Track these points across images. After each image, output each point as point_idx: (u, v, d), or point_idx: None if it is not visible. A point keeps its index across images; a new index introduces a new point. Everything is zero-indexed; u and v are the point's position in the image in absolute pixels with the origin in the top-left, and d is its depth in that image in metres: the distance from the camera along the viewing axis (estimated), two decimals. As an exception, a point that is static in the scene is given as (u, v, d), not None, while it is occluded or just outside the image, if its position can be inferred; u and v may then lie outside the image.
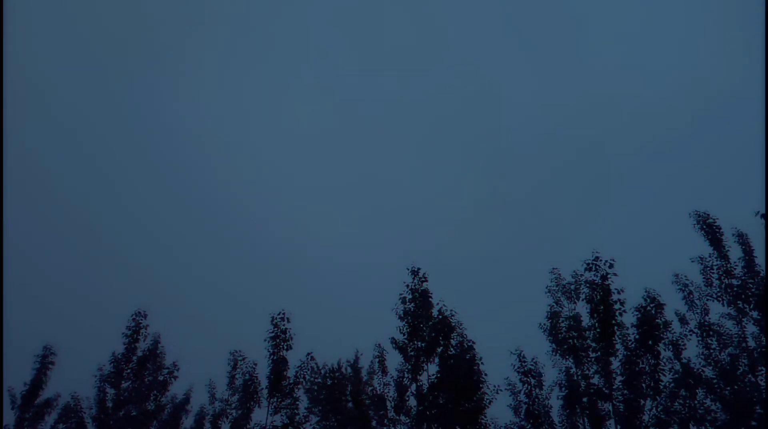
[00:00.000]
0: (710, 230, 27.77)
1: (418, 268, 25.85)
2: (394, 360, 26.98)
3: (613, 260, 24.57)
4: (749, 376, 24.95)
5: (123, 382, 31.02)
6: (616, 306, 23.78)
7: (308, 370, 27.16)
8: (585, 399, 23.48)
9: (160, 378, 32.44)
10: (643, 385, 22.73)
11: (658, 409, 23.16)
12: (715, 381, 25.17)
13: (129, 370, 31.41)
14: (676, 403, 24.14)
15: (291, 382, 26.41)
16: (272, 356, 26.79)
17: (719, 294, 26.85)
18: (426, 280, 25.63)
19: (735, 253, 27.59)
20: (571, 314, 26.52)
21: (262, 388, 26.97)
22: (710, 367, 25.73)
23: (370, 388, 28.80)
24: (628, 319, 30.70)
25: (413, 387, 24.18)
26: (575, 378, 24.68)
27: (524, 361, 26.32)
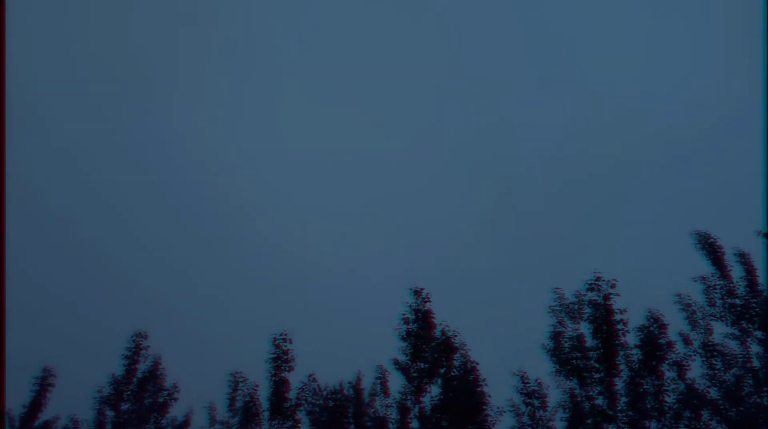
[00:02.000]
0: (711, 250, 27.74)
1: (421, 288, 25.78)
2: (396, 381, 26.85)
3: (615, 280, 24.53)
4: (754, 396, 24.74)
5: (122, 404, 30.76)
6: (619, 326, 23.68)
7: (310, 391, 26.97)
8: (589, 420, 23.27)
9: (160, 400, 32.09)
10: (648, 406, 22.55)
11: (663, 431, 22.97)
12: (719, 402, 24.96)
13: (128, 392, 31.16)
14: (681, 425, 23.92)
15: (292, 403, 26.20)
16: (273, 377, 26.61)
17: (722, 314, 26.74)
18: (428, 301, 25.54)
19: (737, 272, 27.54)
20: (574, 334, 26.36)
21: (263, 410, 26.78)
22: (715, 388, 25.53)
23: (371, 410, 28.50)
24: (632, 339, 30.57)
25: (416, 409, 23.98)
26: (579, 399, 24.48)
27: (527, 382, 26.14)
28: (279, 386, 25.67)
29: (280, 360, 26.47)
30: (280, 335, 27.25)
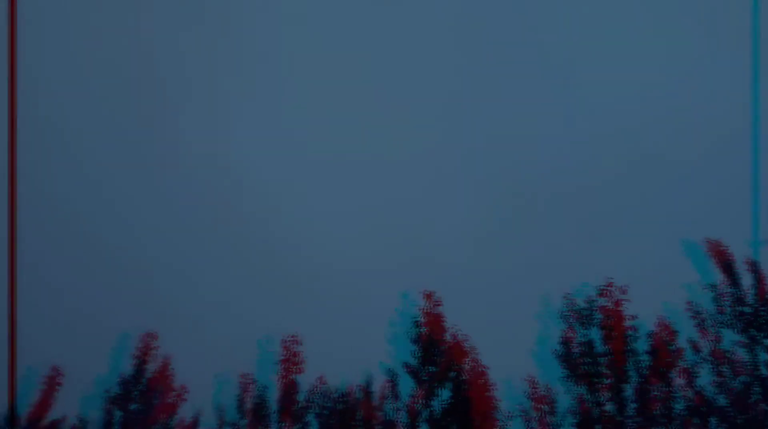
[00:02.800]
0: (721, 257, 27.59)
1: (432, 292, 25.57)
2: (406, 385, 26.52)
3: (626, 286, 24.46)
4: (762, 404, 24.63)
5: (131, 404, 30.52)
6: (629, 332, 23.61)
7: (319, 394, 26.80)
8: (598, 427, 23.17)
9: (169, 401, 31.79)
10: (656, 412, 22.47)
11: (671, 438, 22.88)
12: (728, 409, 24.83)
13: (137, 393, 30.89)
14: (689, 432, 23.82)
15: (301, 406, 26.03)
16: (282, 380, 26.41)
17: (731, 321, 26.61)
18: (440, 304, 25.35)
19: (746, 280, 27.37)
20: (584, 340, 26.16)
21: (272, 412, 26.59)
22: (723, 395, 25.41)
23: (381, 414, 28.19)
24: (641, 345, 30.54)
25: (426, 413, 23.79)
26: (588, 405, 24.33)
27: (536, 388, 25.99)
28: (288, 389, 25.50)
29: (290, 362, 26.28)
30: (290, 337, 27.10)
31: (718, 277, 27.72)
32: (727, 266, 25.98)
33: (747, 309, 27.92)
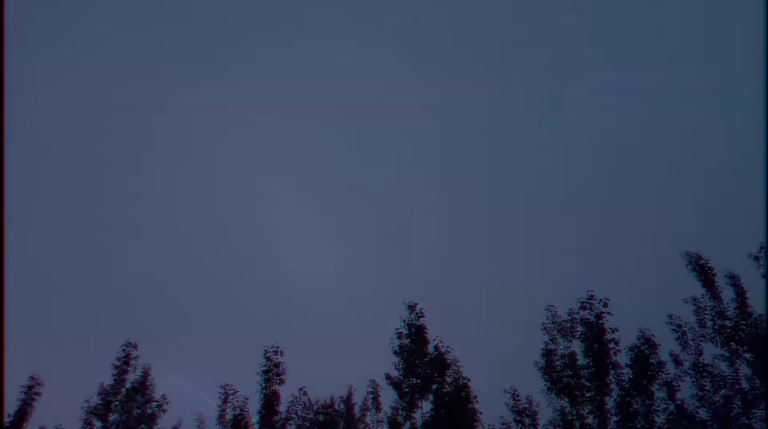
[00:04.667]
0: (702, 271, 27.92)
1: (415, 303, 25.81)
2: (388, 396, 26.79)
3: (608, 299, 24.65)
4: (743, 418, 24.82)
5: (110, 414, 30.35)
6: (611, 345, 23.77)
7: (300, 405, 26.83)
8: (580, 439, 23.29)
9: (149, 411, 31.62)
10: (638, 425, 22.58)
11: (653, 451, 22.98)
12: (709, 422, 25.03)
13: (117, 402, 30.74)
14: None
15: (283, 417, 26.03)
16: (264, 390, 26.41)
17: (712, 335, 26.86)
18: (423, 316, 25.53)
19: (727, 294, 27.71)
20: (566, 352, 26.43)
21: (253, 423, 26.55)
22: (704, 409, 25.62)
23: (362, 425, 28.40)
24: (623, 358, 30.73)
25: (407, 425, 23.91)
26: (570, 418, 24.50)
27: (518, 400, 26.13)
28: (270, 399, 25.50)
29: (272, 373, 26.30)
30: (272, 347, 27.12)
31: (700, 290, 27.32)
32: (709, 280, 25.82)
33: (728, 322, 27.81)
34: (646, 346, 23.64)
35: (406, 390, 23.86)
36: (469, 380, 23.78)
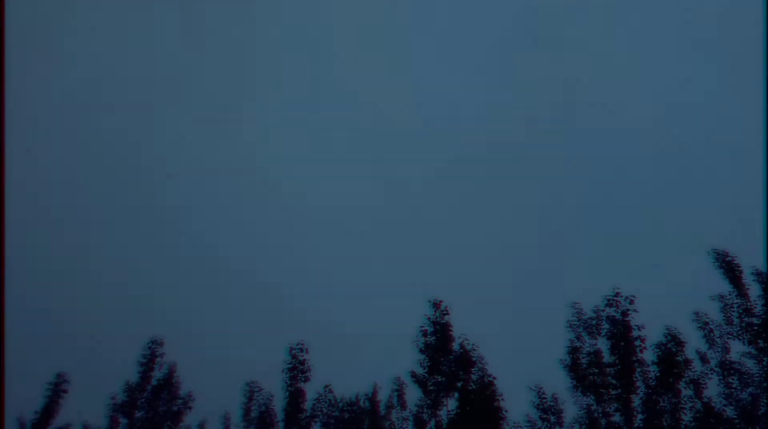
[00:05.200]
0: (729, 268, 27.58)
1: (440, 301, 25.73)
2: (413, 394, 26.81)
3: (634, 296, 24.41)
4: (771, 416, 24.51)
5: (136, 411, 30.65)
6: (637, 342, 23.56)
7: (326, 402, 26.91)
8: (606, 437, 23.13)
9: (174, 408, 31.92)
10: (664, 423, 22.38)
11: (679, 449, 22.75)
12: (736, 421, 24.73)
13: (143, 400, 31.02)
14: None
15: (308, 414, 26.11)
16: (289, 388, 26.51)
17: (739, 332, 26.54)
18: (447, 313, 25.45)
19: (754, 291, 27.34)
20: (592, 350, 26.23)
21: (278, 421, 26.72)
22: (731, 407, 25.31)
23: (387, 423, 28.46)
24: (649, 356, 30.47)
25: (432, 422, 23.91)
26: (595, 415, 24.34)
27: (544, 398, 25.99)
28: (295, 397, 25.59)
29: (297, 370, 26.38)
30: (297, 345, 27.16)
31: (727, 287, 26.97)
32: (735, 277, 25.50)
33: (755, 320, 27.39)
34: (672, 343, 23.40)
35: (431, 388, 23.84)
36: (494, 378, 23.69)
